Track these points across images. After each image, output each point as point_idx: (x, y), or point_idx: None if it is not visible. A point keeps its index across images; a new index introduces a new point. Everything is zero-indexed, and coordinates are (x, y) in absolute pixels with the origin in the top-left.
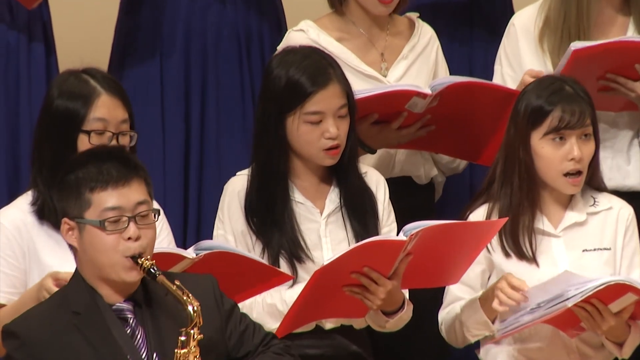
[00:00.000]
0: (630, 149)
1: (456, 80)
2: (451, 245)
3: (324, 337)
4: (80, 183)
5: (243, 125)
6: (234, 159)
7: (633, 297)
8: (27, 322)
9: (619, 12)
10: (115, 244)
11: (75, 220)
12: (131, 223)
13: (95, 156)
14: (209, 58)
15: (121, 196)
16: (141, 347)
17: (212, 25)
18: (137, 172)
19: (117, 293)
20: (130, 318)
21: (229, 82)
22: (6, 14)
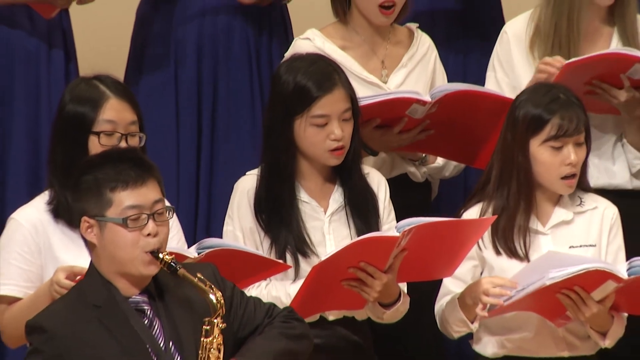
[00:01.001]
0: (615, 150)
1: (454, 88)
2: (444, 241)
3: (327, 328)
4: (100, 183)
5: (252, 127)
6: (242, 160)
7: (613, 284)
8: (52, 316)
9: (605, 24)
10: (135, 240)
11: (95, 219)
12: (150, 220)
13: (111, 157)
14: (220, 64)
15: (140, 195)
16: (159, 336)
17: (223, 33)
18: (151, 173)
19: (133, 286)
20: (147, 310)
21: (238, 87)
22: (26, 22)
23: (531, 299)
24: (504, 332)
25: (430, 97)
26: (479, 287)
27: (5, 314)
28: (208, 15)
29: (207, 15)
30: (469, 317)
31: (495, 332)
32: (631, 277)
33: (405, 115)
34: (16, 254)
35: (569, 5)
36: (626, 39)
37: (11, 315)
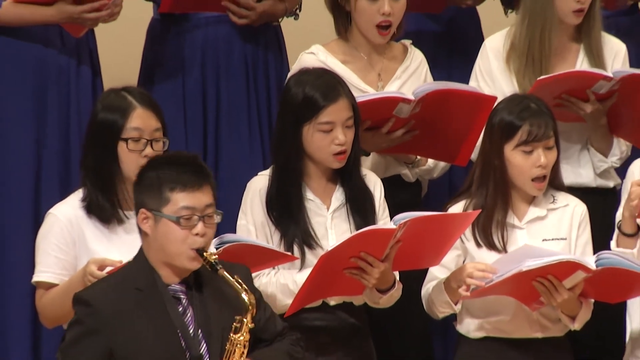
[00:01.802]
0: (581, 154)
1: (435, 87)
2: (433, 233)
3: (329, 312)
4: (162, 182)
5: (249, 133)
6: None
7: (582, 274)
8: (98, 293)
9: (573, 41)
10: (184, 237)
11: (152, 212)
12: (200, 222)
13: (175, 160)
14: (222, 77)
15: (195, 198)
16: (189, 323)
17: (225, 50)
18: (208, 179)
19: (174, 275)
20: (183, 298)
21: (238, 97)
22: (58, 42)
23: (509, 284)
24: (484, 315)
25: (414, 95)
26: (464, 271)
27: (42, 298)
28: (210, 32)
29: (210, 32)
30: (453, 299)
31: (476, 314)
32: (599, 268)
33: (393, 115)
34: (53, 245)
35: (541, 24)
36: (592, 54)
37: (48, 299)
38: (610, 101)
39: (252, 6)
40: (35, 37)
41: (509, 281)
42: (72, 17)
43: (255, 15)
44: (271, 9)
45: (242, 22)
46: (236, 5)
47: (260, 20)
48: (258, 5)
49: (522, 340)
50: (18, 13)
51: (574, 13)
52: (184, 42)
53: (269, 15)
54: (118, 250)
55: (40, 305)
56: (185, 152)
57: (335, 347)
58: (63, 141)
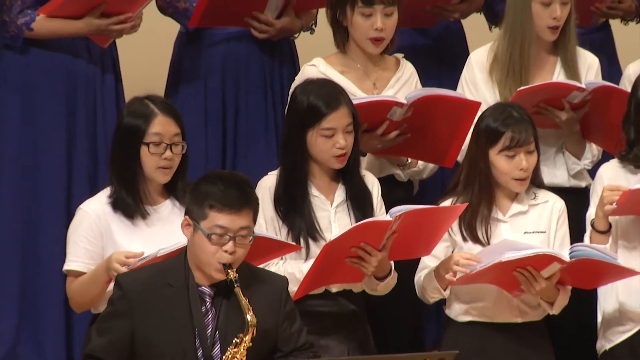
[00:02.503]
0: (556, 157)
1: (426, 92)
2: (425, 224)
3: (330, 298)
4: (206, 197)
5: (266, 136)
6: (258, 162)
7: (557, 265)
8: (133, 280)
9: (550, 54)
10: (214, 251)
11: (193, 222)
12: (231, 241)
13: (226, 180)
14: (241, 86)
15: (230, 221)
16: (209, 324)
17: (244, 63)
18: (250, 204)
19: (205, 279)
20: (207, 300)
21: (255, 104)
22: (85, 52)
23: (491, 273)
24: (470, 301)
25: (407, 99)
26: (452, 260)
27: (72, 285)
28: (231, 46)
29: (231, 46)
30: (442, 285)
31: (463, 300)
32: (572, 259)
33: (387, 118)
34: (82, 237)
35: (520, 39)
36: (567, 66)
37: (76, 286)
38: (583, 110)
39: (271, 22)
40: (64, 49)
41: (491, 270)
42: (99, 29)
43: (274, 31)
44: (289, 25)
45: (262, 36)
46: (257, 21)
47: (279, 36)
48: (277, 22)
49: (503, 325)
50: (50, 26)
51: (550, 29)
52: (207, 54)
53: (287, 31)
54: (141, 241)
55: (69, 291)
56: (238, 174)
57: (336, 330)
58: (91, 142)
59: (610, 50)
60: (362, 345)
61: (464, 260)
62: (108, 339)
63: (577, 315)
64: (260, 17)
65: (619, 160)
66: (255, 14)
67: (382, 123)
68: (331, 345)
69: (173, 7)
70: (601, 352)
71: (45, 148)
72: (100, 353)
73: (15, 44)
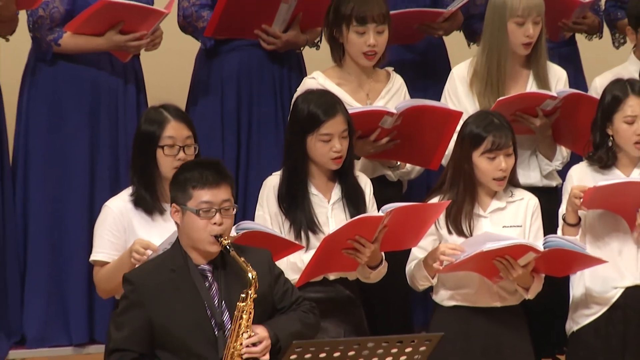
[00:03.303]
0: (530, 160)
1: (413, 103)
2: (413, 219)
3: (328, 285)
4: (187, 181)
5: (276, 141)
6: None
7: (533, 254)
8: (140, 273)
9: (524, 67)
10: (204, 225)
11: (180, 206)
12: (217, 213)
13: (200, 164)
14: (253, 94)
15: (213, 195)
16: (214, 296)
17: (256, 72)
18: (226, 179)
19: (202, 257)
20: (209, 276)
21: (267, 110)
22: (108, 65)
23: (474, 262)
24: (455, 288)
25: (396, 109)
26: (438, 250)
27: (98, 274)
28: (245, 57)
29: (244, 57)
30: (430, 274)
31: (448, 287)
32: (546, 249)
33: (379, 126)
34: (107, 231)
35: (497, 54)
36: (539, 79)
37: (102, 274)
38: (555, 116)
39: (278, 35)
40: (89, 62)
41: (473, 259)
42: (118, 45)
43: (280, 43)
44: (294, 38)
45: (269, 48)
46: (265, 34)
47: (285, 48)
48: (283, 35)
49: (484, 309)
50: (75, 42)
51: (524, 45)
52: (223, 66)
53: (292, 44)
54: (159, 234)
55: (96, 279)
56: (208, 157)
57: (333, 313)
58: (113, 147)
59: (577, 62)
60: (357, 328)
61: (449, 251)
62: (128, 330)
63: (550, 299)
64: (268, 30)
65: (587, 162)
66: (264, 27)
67: (374, 130)
68: (329, 327)
69: (193, 27)
70: (570, 332)
71: (71, 152)
72: (124, 345)
73: (45, 58)
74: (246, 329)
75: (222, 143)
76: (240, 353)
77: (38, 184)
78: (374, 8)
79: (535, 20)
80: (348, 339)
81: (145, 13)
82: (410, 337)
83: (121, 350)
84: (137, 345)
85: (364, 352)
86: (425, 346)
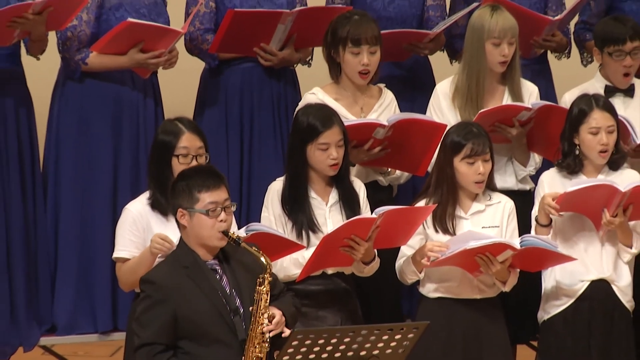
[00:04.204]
0: (506, 166)
1: (403, 116)
2: (402, 221)
3: (327, 278)
4: (191, 187)
5: (274, 148)
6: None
7: (510, 252)
8: (158, 273)
9: (500, 84)
10: (213, 224)
11: (187, 210)
12: (222, 211)
13: (198, 171)
14: (254, 106)
15: (217, 195)
16: (226, 286)
17: (256, 86)
18: (223, 181)
19: (208, 253)
20: (218, 269)
21: (266, 121)
22: (130, 82)
23: (457, 258)
24: (439, 281)
25: (388, 122)
26: (425, 247)
27: (120, 269)
28: (246, 74)
29: (245, 74)
30: (418, 269)
31: (434, 280)
32: (522, 247)
33: (372, 137)
34: (128, 231)
35: (476, 72)
36: (513, 94)
37: (124, 270)
38: (529, 126)
39: (275, 53)
40: (113, 79)
41: (457, 256)
42: (139, 63)
43: (276, 60)
44: (289, 56)
45: (267, 64)
46: (263, 51)
47: (280, 64)
48: (279, 53)
49: (466, 300)
50: (101, 61)
51: (500, 64)
52: (226, 82)
53: (287, 61)
54: (173, 233)
55: (119, 274)
56: (203, 165)
57: (331, 304)
58: (133, 155)
59: (548, 78)
60: (352, 316)
61: (436, 248)
62: (155, 326)
63: (524, 292)
64: (266, 48)
65: (557, 168)
66: (262, 45)
67: (368, 140)
68: (327, 316)
69: (198, 49)
70: (541, 321)
71: (96, 159)
72: (151, 339)
73: (74, 76)
74: (265, 310)
75: (226, 150)
76: (263, 331)
77: (67, 188)
78: (367, 31)
79: (510, 41)
80: (344, 327)
81: (163, 32)
82: (399, 325)
83: (149, 345)
84: (164, 339)
85: (358, 338)
86: (413, 333)
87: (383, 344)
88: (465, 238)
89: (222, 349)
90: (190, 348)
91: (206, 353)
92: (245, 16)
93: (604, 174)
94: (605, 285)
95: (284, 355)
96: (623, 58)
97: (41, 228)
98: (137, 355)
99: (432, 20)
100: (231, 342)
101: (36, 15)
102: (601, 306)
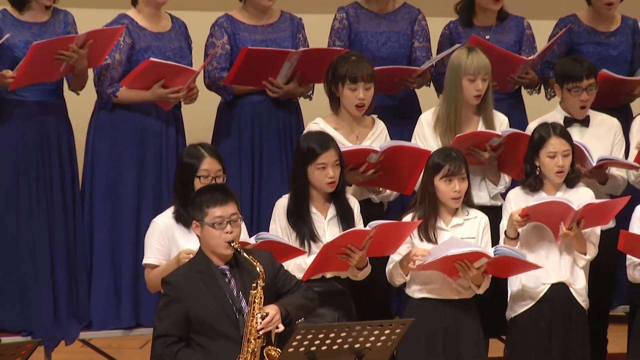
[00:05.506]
0: (480, 185)
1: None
2: (392, 233)
3: (325, 281)
4: (202, 203)
5: (280, 170)
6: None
7: (485, 260)
8: (176, 276)
9: (475, 114)
10: (219, 235)
11: (199, 222)
12: (228, 224)
13: (210, 189)
14: (263, 133)
15: (223, 210)
16: (233, 288)
17: (265, 117)
18: (231, 197)
19: (220, 260)
20: (227, 274)
21: (274, 149)
22: (154, 113)
23: (439, 263)
24: (423, 284)
25: (380, 148)
26: (410, 253)
27: (150, 274)
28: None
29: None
30: (405, 272)
31: (418, 283)
32: (496, 256)
33: (366, 161)
34: (155, 240)
35: (454, 104)
36: (486, 123)
37: (152, 275)
38: (499, 151)
39: (281, 86)
40: (140, 110)
41: (439, 262)
42: (160, 97)
43: (282, 92)
44: (293, 90)
45: (273, 95)
46: (271, 84)
47: (285, 96)
48: (285, 86)
49: (446, 300)
50: (128, 95)
51: (475, 97)
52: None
53: (291, 94)
54: (194, 243)
55: (147, 278)
56: (216, 183)
57: (329, 303)
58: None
59: (522, 110)
60: (348, 314)
61: (419, 253)
62: (170, 320)
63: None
64: (273, 81)
65: (521, 187)
66: (270, 79)
67: (363, 164)
68: (326, 314)
69: (216, 85)
70: (509, 319)
71: (124, 180)
72: (166, 331)
73: (106, 107)
74: (259, 310)
75: (239, 173)
76: (257, 329)
77: (100, 204)
78: (363, 70)
79: (483, 77)
80: (341, 323)
81: (181, 71)
82: (388, 322)
83: (164, 336)
84: (177, 331)
85: (353, 333)
86: (400, 328)
87: (374, 338)
88: (447, 245)
89: (228, 343)
90: (200, 341)
91: (214, 345)
92: (256, 53)
93: (561, 191)
94: (563, 287)
95: (289, 347)
96: (580, 93)
97: (80, 238)
98: (155, 344)
99: (418, 60)
100: (235, 337)
101: (80, 49)
102: (560, 306)
